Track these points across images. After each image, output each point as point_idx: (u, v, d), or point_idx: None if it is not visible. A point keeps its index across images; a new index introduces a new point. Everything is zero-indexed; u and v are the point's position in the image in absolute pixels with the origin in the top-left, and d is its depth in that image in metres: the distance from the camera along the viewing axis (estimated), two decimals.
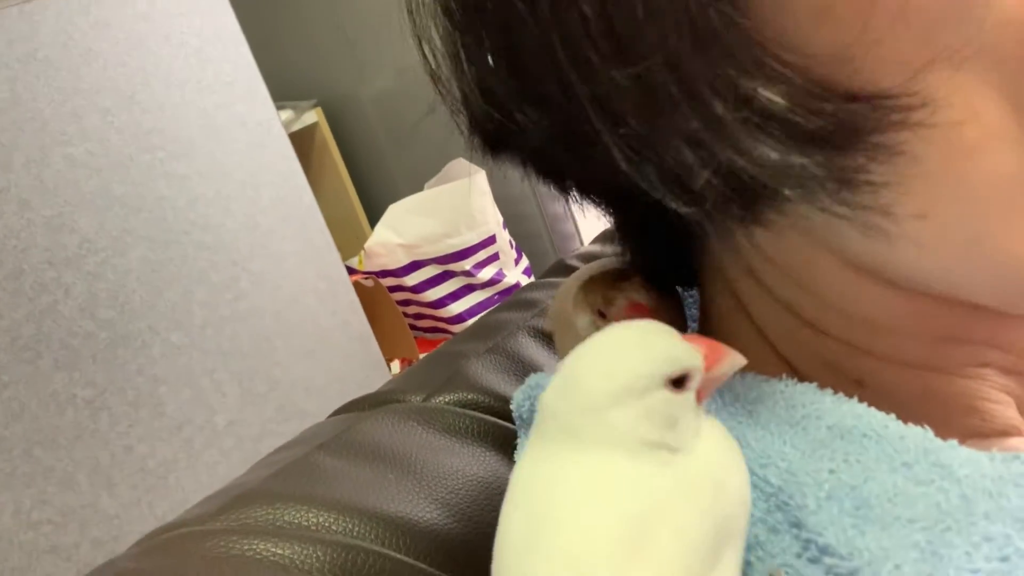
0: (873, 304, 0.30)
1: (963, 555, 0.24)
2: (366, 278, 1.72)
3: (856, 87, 0.24)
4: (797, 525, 0.26)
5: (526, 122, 0.28)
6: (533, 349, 0.50)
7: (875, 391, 0.31)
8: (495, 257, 1.75)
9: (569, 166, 0.31)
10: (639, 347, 0.25)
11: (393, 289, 1.76)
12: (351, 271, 1.76)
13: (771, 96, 0.24)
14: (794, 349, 0.33)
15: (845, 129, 0.24)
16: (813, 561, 0.25)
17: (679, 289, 0.40)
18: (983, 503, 0.25)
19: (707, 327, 0.37)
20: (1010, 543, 0.24)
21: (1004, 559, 0.24)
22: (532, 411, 0.34)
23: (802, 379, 0.33)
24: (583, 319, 0.35)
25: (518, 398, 0.36)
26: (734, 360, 0.27)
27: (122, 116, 1.20)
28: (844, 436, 0.28)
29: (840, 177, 0.24)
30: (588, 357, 0.25)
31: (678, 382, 0.24)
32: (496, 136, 0.31)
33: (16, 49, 1.11)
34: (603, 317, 0.34)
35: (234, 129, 1.33)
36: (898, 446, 0.27)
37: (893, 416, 0.28)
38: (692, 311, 0.45)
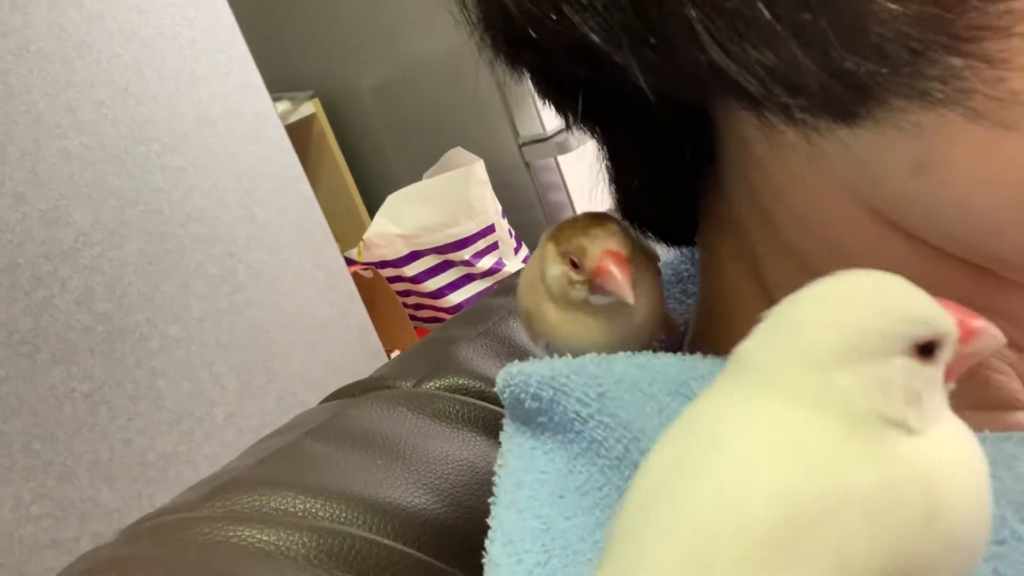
0: (888, 258, 0.29)
1: None
2: (365, 269, 1.72)
3: None
4: None
5: (575, 13, 0.26)
6: (525, 334, 0.50)
7: None
8: (494, 246, 1.75)
9: (598, 72, 0.28)
10: (877, 299, 0.20)
11: (392, 280, 1.75)
12: (350, 262, 1.75)
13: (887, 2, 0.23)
14: None
15: (951, 32, 0.23)
16: None
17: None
18: None
19: (710, 295, 0.37)
20: (1005, 525, 0.24)
21: (1000, 542, 0.24)
22: (512, 398, 0.33)
23: None
24: (553, 270, 0.33)
25: (499, 384, 0.35)
26: (993, 337, 0.21)
27: (116, 108, 1.20)
28: None
29: (953, 76, 0.23)
30: (809, 303, 0.21)
31: (925, 350, 0.20)
32: (522, 33, 0.29)
33: (9, 42, 1.10)
34: (576, 268, 0.32)
35: (230, 120, 1.32)
36: None
37: None
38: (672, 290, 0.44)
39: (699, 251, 0.38)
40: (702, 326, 0.39)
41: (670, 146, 0.34)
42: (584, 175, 0.39)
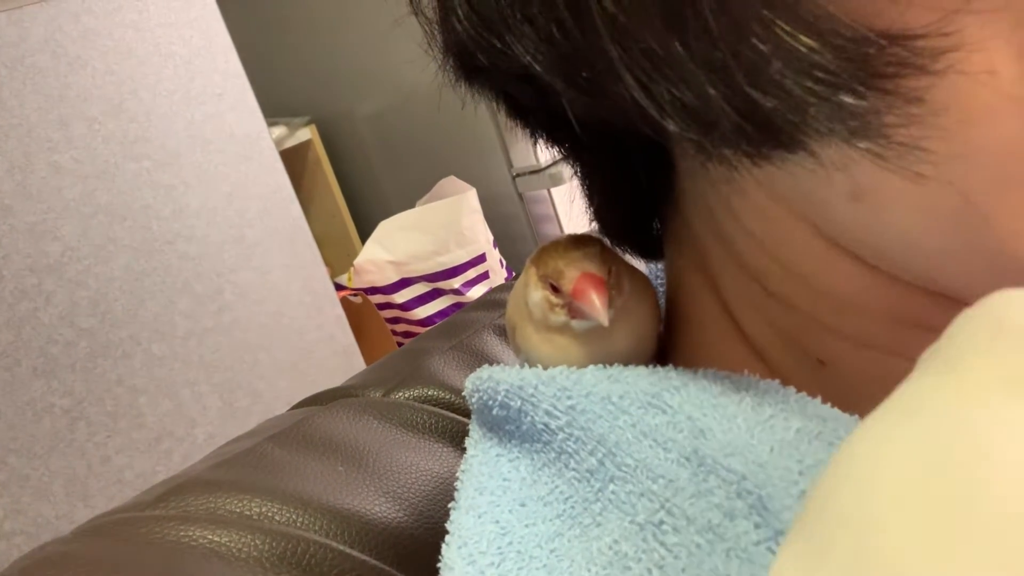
0: (841, 279, 0.29)
1: None
2: (354, 295, 1.71)
3: (884, 27, 0.23)
4: (761, 514, 0.25)
5: (516, 42, 0.27)
6: (498, 347, 0.49)
7: (836, 372, 0.31)
8: (485, 276, 1.74)
9: (547, 98, 0.29)
10: None
11: (382, 307, 1.75)
12: (340, 287, 1.75)
13: (801, 36, 0.23)
14: (759, 326, 0.32)
15: (869, 69, 0.23)
16: (775, 552, 0.24)
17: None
18: None
19: (673, 305, 0.36)
20: None
21: None
22: (479, 404, 0.33)
23: (765, 360, 0.32)
24: (534, 295, 0.32)
25: (467, 388, 0.35)
26: None
27: (109, 124, 1.20)
28: (811, 442, 0.27)
29: (863, 115, 0.23)
30: None
31: None
32: (474, 59, 0.29)
33: (4, 55, 1.11)
34: (556, 292, 0.32)
35: (222, 140, 1.33)
36: None
37: (857, 419, 0.27)
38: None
39: (664, 264, 0.38)
40: (665, 336, 0.38)
41: (627, 164, 0.34)
42: (577, 207, 0.39)
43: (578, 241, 0.32)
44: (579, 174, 0.36)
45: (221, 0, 1.35)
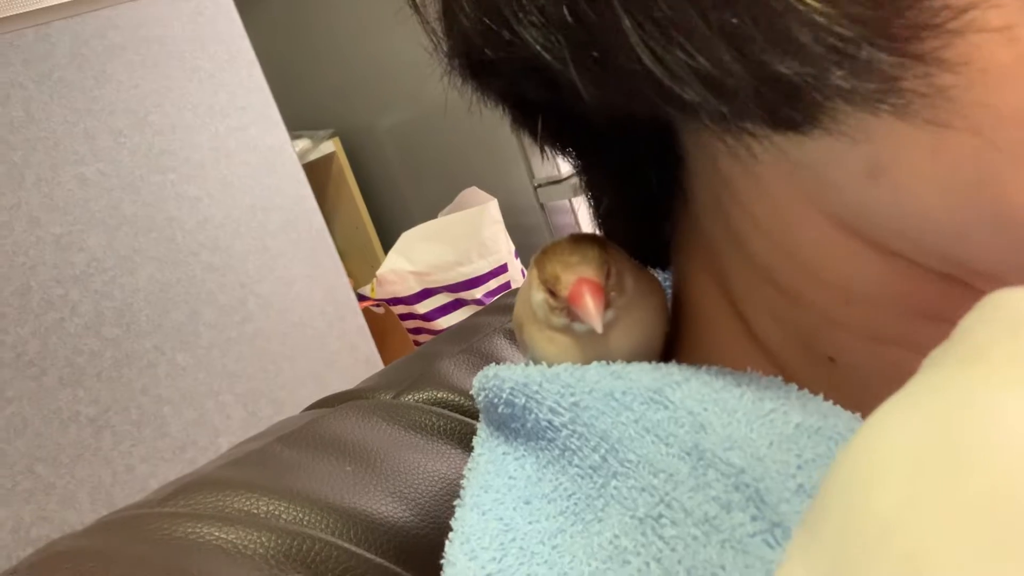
0: (852, 268, 0.29)
1: None
2: (377, 305, 1.72)
3: None
4: (759, 506, 0.25)
5: (524, 30, 0.27)
6: (508, 351, 0.49)
7: (846, 369, 0.30)
8: (507, 286, 1.75)
9: (556, 91, 0.29)
10: None
11: (405, 317, 1.76)
12: (363, 298, 1.76)
13: (816, 3, 0.23)
14: (769, 325, 0.32)
15: (887, 31, 0.23)
16: (770, 545, 0.24)
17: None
18: None
19: (680, 306, 0.36)
20: None
21: None
22: (486, 402, 0.33)
23: (774, 359, 0.32)
24: (536, 297, 0.32)
25: (475, 386, 0.35)
26: None
27: (134, 137, 1.22)
28: (811, 437, 0.27)
29: (886, 73, 0.23)
30: None
31: None
32: (481, 54, 0.29)
33: (32, 69, 1.13)
34: (554, 296, 0.32)
35: (245, 152, 1.34)
36: None
37: (859, 417, 0.27)
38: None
39: (671, 269, 0.38)
40: (672, 338, 0.38)
41: (635, 164, 0.34)
42: None
43: (577, 242, 0.32)
44: (586, 179, 0.36)
45: (245, 15, 1.36)
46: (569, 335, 0.32)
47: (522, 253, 1.81)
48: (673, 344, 0.37)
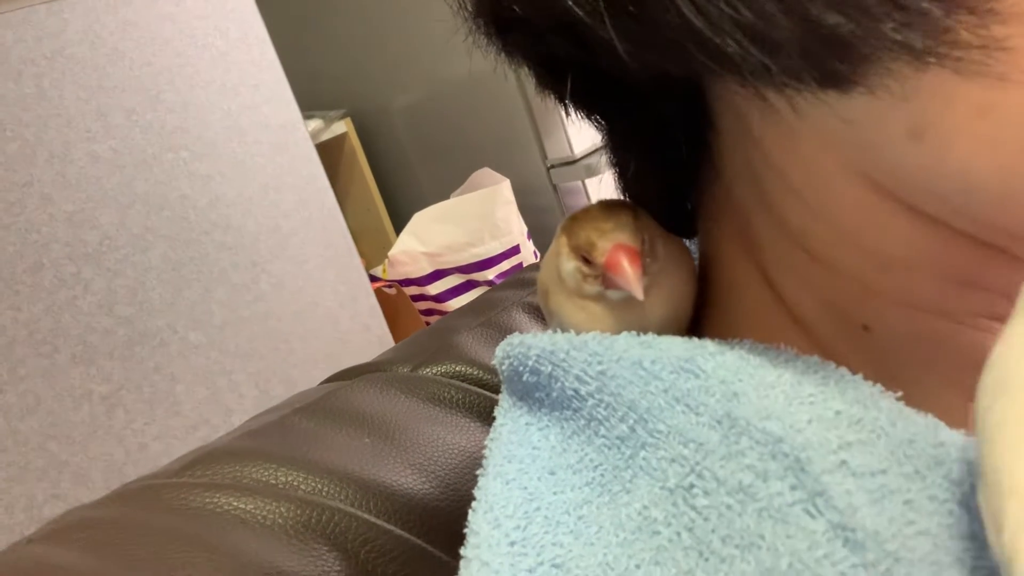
0: (891, 234, 0.28)
1: None
2: (389, 286, 1.72)
3: None
4: (798, 476, 0.24)
5: None
6: (527, 324, 0.49)
7: (880, 337, 0.30)
8: (519, 267, 1.74)
9: (586, 49, 0.28)
10: None
11: (416, 298, 1.75)
12: (375, 279, 1.75)
13: None
14: (801, 293, 0.31)
15: None
16: (811, 514, 0.24)
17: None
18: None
19: (708, 275, 0.36)
20: None
21: None
22: (510, 371, 0.33)
23: (805, 328, 0.31)
24: (567, 266, 0.32)
25: (498, 355, 0.34)
26: None
27: (146, 115, 1.21)
28: (851, 425, 0.26)
29: (938, 23, 0.22)
30: None
31: None
32: (510, 11, 0.28)
33: (44, 46, 1.12)
34: (588, 263, 0.31)
35: (258, 131, 1.34)
36: (908, 451, 0.25)
37: (901, 403, 0.27)
38: None
39: (698, 238, 0.37)
40: (699, 312, 0.38)
41: (665, 127, 0.34)
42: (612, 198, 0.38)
43: (610, 209, 0.32)
44: (612, 143, 0.36)
45: None
46: (601, 303, 0.32)
47: (535, 234, 1.80)
48: (701, 314, 0.37)
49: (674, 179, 0.36)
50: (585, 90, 0.32)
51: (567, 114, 0.34)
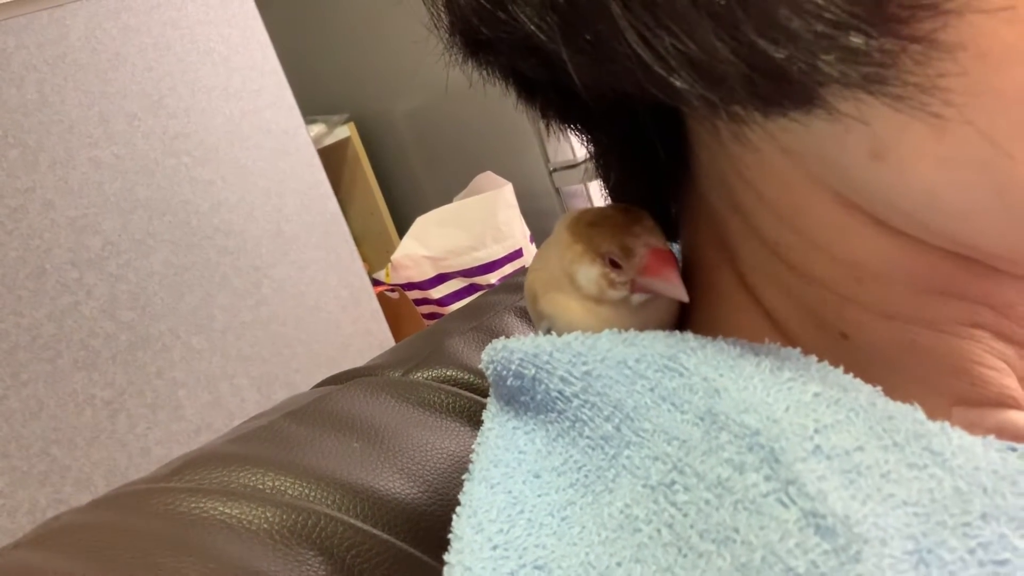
0: (861, 246, 0.28)
1: (958, 560, 0.22)
2: (391, 290, 1.72)
3: None
4: (772, 466, 0.25)
5: (519, 10, 0.26)
6: (518, 328, 0.49)
7: (859, 345, 0.30)
8: (521, 271, 1.74)
9: (554, 70, 0.28)
10: None
11: (419, 302, 1.75)
12: (377, 283, 1.76)
13: None
14: (778, 300, 0.31)
15: (882, 12, 0.22)
16: (784, 504, 0.24)
17: None
18: (978, 501, 0.23)
19: (690, 280, 0.36)
20: (1007, 545, 0.23)
21: (1002, 563, 0.22)
22: (495, 375, 0.33)
23: (784, 334, 0.32)
24: (589, 272, 0.32)
25: (484, 360, 0.34)
26: None
27: (148, 120, 1.22)
28: (830, 406, 0.26)
29: (877, 58, 0.22)
30: None
31: None
32: (478, 33, 0.29)
33: (45, 52, 1.13)
34: (616, 267, 0.31)
35: (259, 136, 1.34)
36: (887, 426, 0.25)
37: (880, 391, 0.27)
38: None
39: (680, 241, 0.37)
40: (680, 314, 0.38)
41: (641, 138, 0.34)
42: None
43: (629, 212, 0.32)
44: (594, 154, 0.36)
45: None
46: (614, 307, 0.32)
47: (537, 238, 1.80)
48: (683, 319, 0.37)
49: (653, 187, 0.36)
50: (559, 105, 0.33)
51: (547, 127, 0.35)
